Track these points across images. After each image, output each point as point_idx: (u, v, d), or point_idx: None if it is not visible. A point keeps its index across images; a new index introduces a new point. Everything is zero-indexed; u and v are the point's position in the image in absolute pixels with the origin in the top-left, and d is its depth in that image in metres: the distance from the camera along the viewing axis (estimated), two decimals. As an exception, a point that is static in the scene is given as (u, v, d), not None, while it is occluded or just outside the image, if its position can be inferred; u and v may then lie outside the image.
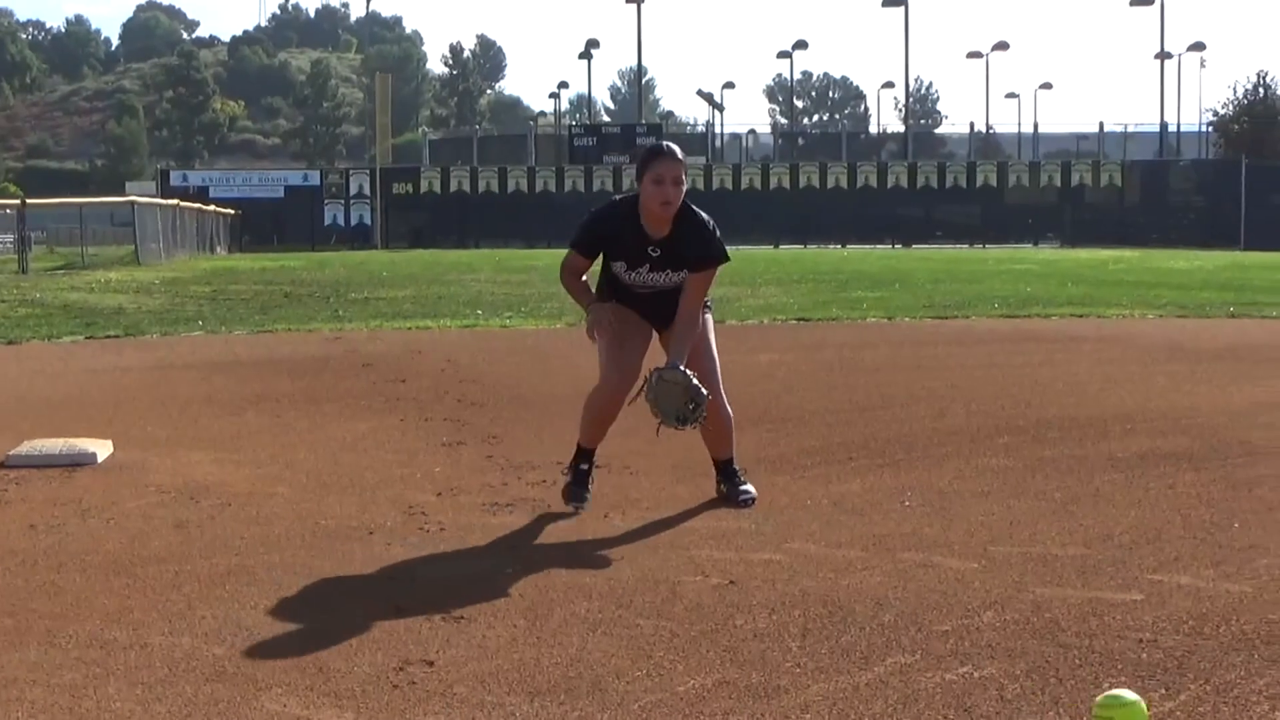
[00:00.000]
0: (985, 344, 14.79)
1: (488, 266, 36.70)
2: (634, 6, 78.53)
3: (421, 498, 6.89)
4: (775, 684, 4.15)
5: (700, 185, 67.39)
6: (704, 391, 6.39)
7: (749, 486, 6.78)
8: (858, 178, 69.14)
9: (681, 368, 6.41)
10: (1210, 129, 70.57)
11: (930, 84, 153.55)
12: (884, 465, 7.71)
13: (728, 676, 4.21)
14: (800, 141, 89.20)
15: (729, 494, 6.75)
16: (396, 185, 70.16)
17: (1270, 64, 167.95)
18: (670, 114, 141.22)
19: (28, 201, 40.65)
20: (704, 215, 6.59)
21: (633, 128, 74.11)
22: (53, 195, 61.72)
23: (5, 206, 42.39)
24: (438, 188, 69.72)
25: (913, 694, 4.05)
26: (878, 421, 9.22)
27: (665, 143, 6.69)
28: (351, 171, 74.02)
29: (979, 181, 68.28)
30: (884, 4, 79.19)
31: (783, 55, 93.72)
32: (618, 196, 6.72)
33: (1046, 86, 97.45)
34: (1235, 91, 65.19)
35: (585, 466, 6.75)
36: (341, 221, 69.15)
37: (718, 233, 6.58)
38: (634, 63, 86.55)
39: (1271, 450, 8.00)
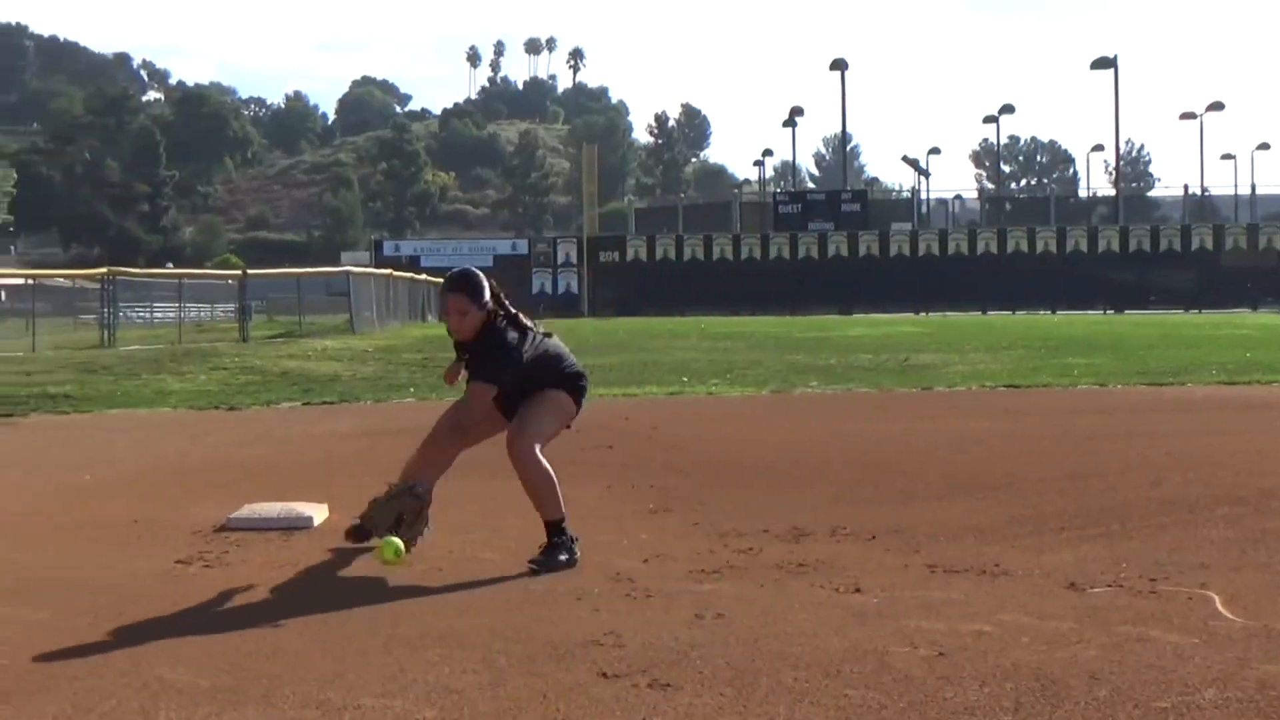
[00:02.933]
0: (1203, 411, 14.39)
1: (693, 334, 36.83)
2: (838, 73, 78.62)
3: (628, 564, 6.91)
4: (987, 759, 4.06)
5: (906, 251, 67.07)
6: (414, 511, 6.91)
7: (557, 556, 6.87)
8: (1067, 242, 68.10)
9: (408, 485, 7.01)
10: None
11: (1141, 146, 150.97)
12: (1098, 535, 7.53)
13: (938, 750, 4.14)
14: (1007, 206, 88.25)
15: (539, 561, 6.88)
16: (603, 253, 70.99)
17: None
18: (875, 180, 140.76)
19: (248, 272, 41.95)
20: (506, 337, 7.14)
21: (838, 194, 74.02)
22: (272, 266, 63.66)
23: (227, 277, 43.82)
24: (643, 255, 70.38)
25: (1131, 772, 3.93)
26: (1091, 490, 9.02)
27: (463, 273, 7.25)
28: (559, 240, 75.13)
29: (1194, 245, 66.80)
30: (1092, 66, 78.08)
31: (989, 120, 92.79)
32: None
33: (1264, 147, 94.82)
34: None
35: (561, 539, 7.00)
36: (549, 289, 70.15)
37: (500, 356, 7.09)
38: (838, 129, 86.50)
39: None
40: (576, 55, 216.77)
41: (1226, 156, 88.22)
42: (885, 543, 7.38)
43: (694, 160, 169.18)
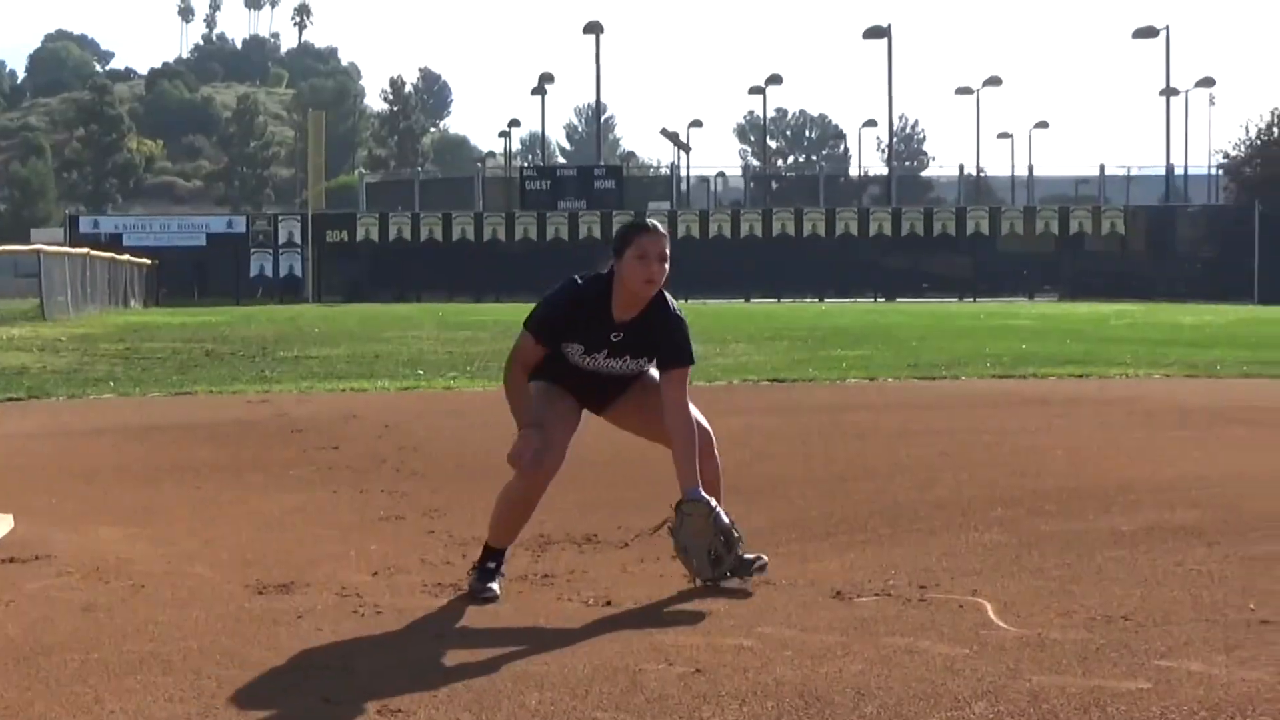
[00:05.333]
0: (976, 407, 14.84)
1: (430, 322, 36.69)
2: (592, 37, 79.00)
3: (356, 578, 6.86)
4: (746, 783, 4.13)
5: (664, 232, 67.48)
6: (730, 525, 6.38)
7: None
8: (836, 225, 69.44)
9: (702, 495, 6.43)
10: (1220, 171, 71.24)
11: (916, 122, 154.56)
12: (866, 541, 7.71)
13: (694, 775, 4.20)
14: (774, 185, 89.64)
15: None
16: (330, 233, 70.18)
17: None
18: (631, 155, 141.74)
19: (-79, 250, 40.50)
20: (678, 309, 6.59)
21: (590, 170, 74.39)
22: (-51, 243, 61.50)
23: (-104, 255, 42.21)
24: (375, 235, 69.77)
25: (898, 794, 4.04)
26: (859, 493, 9.23)
27: (649, 218, 6.66)
28: (281, 218, 74.04)
29: (969, 229, 68.69)
30: (865, 35, 79.80)
31: (755, 91, 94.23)
32: (580, 277, 6.58)
33: (1042, 125, 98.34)
34: (1247, 131, 65.85)
35: (493, 565, 6.59)
36: (269, 272, 69.14)
37: (689, 332, 6.60)
38: (592, 99, 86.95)
39: (1289, 523, 8.03)
40: (302, 12, 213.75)
41: (1004, 135, 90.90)
42: (638, 551, 7.45)
43: (433, 130, 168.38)
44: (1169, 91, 73.32)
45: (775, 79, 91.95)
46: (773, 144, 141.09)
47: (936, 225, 69.14)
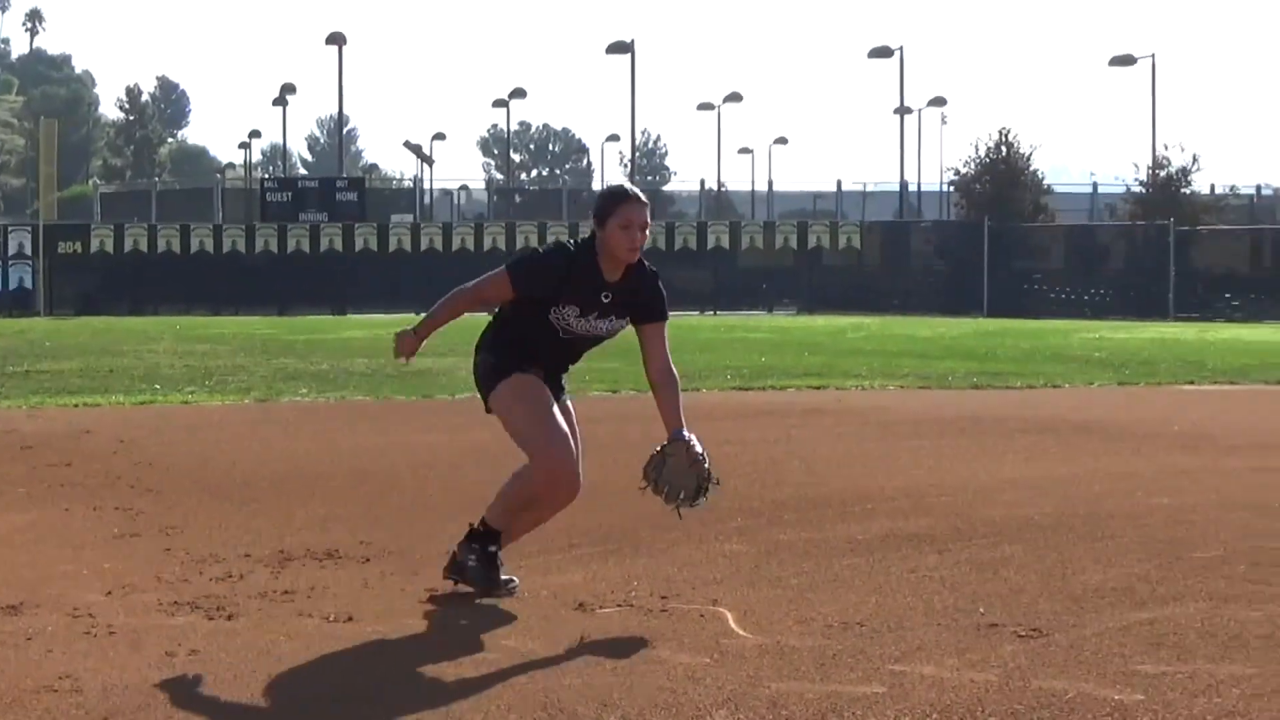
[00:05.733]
0: (716, 419, 15.01)
1: (167, 335, 35.92)
2: (334, 49, 78.22)
3: (89, 597, 6.68)
4: (488, 797, 4.12)
5: (407, 245, 67.35)
6: (704, 459, 6.73)
7: None
8: (579, 238, 69.70)
9: (684, 435, 6.82)
10: (951, 188, 73.11)
11: (658, 137, 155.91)
12: (609, 553, 7.76)
13: (436, 790, 4.17)
14: (517, 198, 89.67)
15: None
16: (63, 244, 68.26)
17: (1013, 121, 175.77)
18: (374, 167, 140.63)
19: None
20: (652, 266, 6.84)
21: (332, 181, 73.54)
22: None
23: None
24: (110, 247, 68.06)
25: (639, 803, 4.06)
26: (601, 505, 9.26)
27: (627, 185, 6.88)
28: (11, 229, 71.83)
29: (710, 243, 69.43)
30: (609, 50, 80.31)
31: (499, 104, 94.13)
32: (557, 241, 6.89)
33: (782, 142, 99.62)
34: (977, 149, 67.55)
35: (494, 549, 6.73)
36: (-1, 285, 67.05)
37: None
38: (334, 110, 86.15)
39: (1016, 529, 8.28)
40: (34, 17, 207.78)
41: (744, 151, 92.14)
42: (382, 566, 7.40)
43: (171, 140, 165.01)
44: (903, 110, 75.01)
45: (519, 93, 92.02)
46: (516, 157, 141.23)
47: (678, 239, 69.75)
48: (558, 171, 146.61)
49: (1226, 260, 56.07)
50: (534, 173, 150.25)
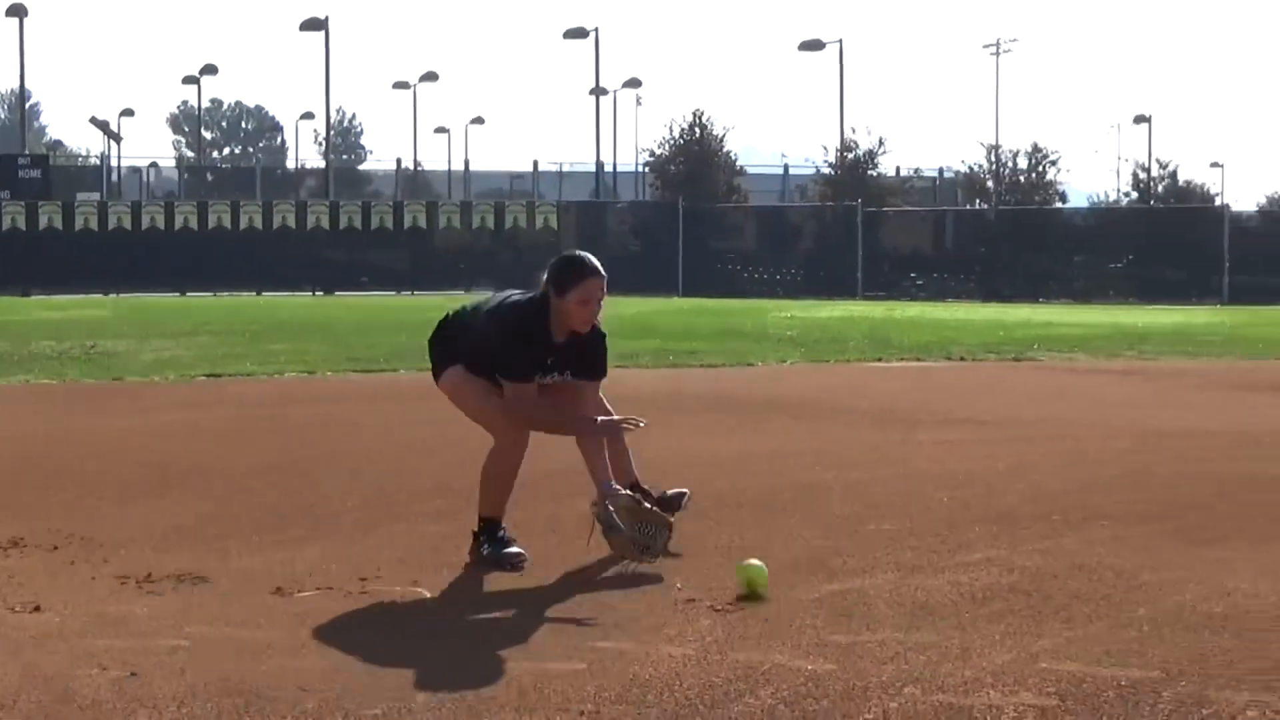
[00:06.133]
0: (418, 399, 14.95)
1: None
2: (15, 21, 75.56)
3: None
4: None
5: (94, 224, 65.55)
6: (656, 511, 6.80)
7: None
8: (274, 217, 68.61)
9: (615, 488, 6.79)
10: (646, 169, 73.86)
11: (354, 116, 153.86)
12: (309, 535, 7.67)
13: (129, 782, 4.08)
14: (209, 177, 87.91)
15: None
16: None
17: (707, 103, 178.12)
18: (59, 143, 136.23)
19: None
20: (600, 325, 6.98)
21: (14, 159, 71.09)
22: None
23: None
24: None
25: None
26: (300, 487, 9.15)
27: (588, 256, 7.00)
28: None
29: (407, 223, 68.99)
30: (302, 28, 79.13)
31: (189, 80, 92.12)
32: (516, 300, 7.05)
33: (479, 121, 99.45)
34: (671, 130, 68.39)
35: (503, 534, 6.90)
36: None
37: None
38: (15, 85, 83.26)
39: (701, 505, 8.40)
40: None
41: (441, 130, 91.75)
42: (70, 553, 7.20)
43: None
44: (598, 91, 75.53)
45: (210, 69, 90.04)
46: (208, 135, 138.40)
47: (375, 219, 69.12)
48: (251, 150, 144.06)
49: (912, 240, 57.76)
50: (226, 150, 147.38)
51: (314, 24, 78.61)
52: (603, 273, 6.85)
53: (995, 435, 11.77)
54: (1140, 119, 74.53)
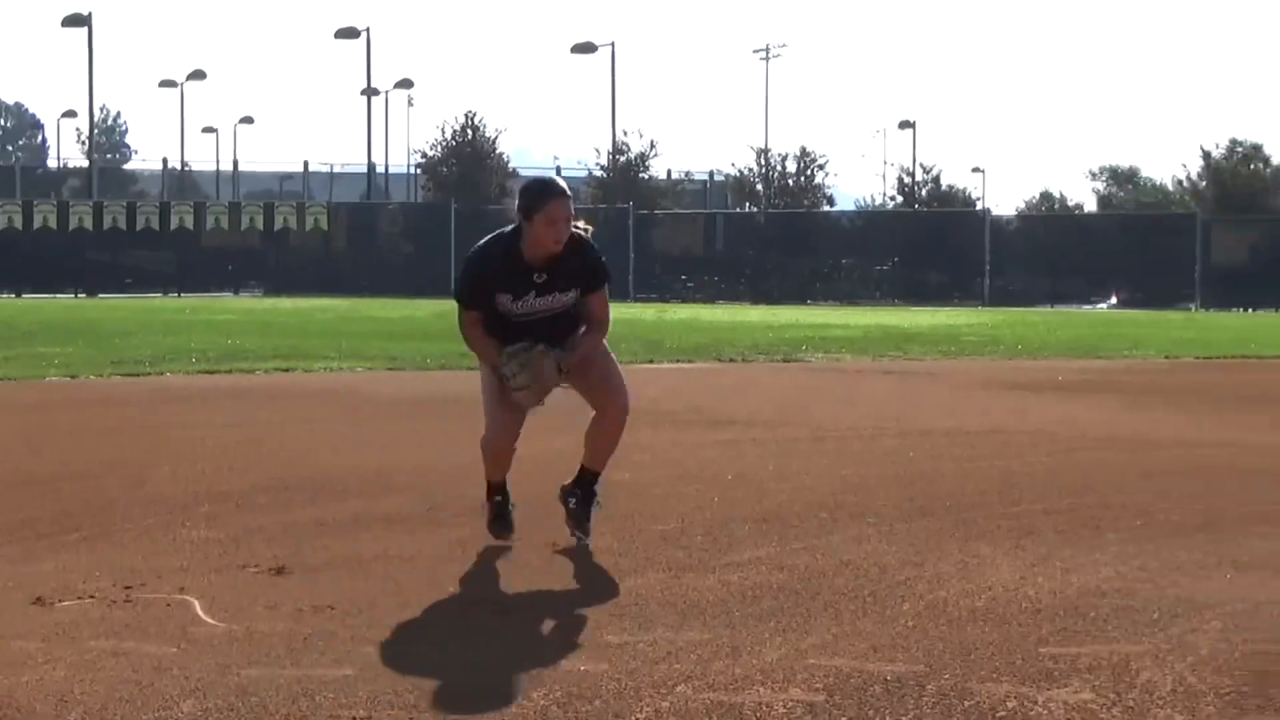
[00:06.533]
0: (184, 402, 14.71)
1: None
2: None
3: None
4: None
5: None
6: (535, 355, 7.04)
7: (590, 525, 7.36)
8: (34, 218, 66.94)
9: (566, 354, 7.08)
10: (419, 171, 73.46)
11: (118, 114, 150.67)
12: (71, 543, 7.49)
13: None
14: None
15: (576, 516, 7.37)
16: None
17: (479, 105, 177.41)
18: None
19: None
20: (583, 233, 7.19)
21: None
22: None
23: None
24: None
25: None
26: (66, 492, 8.94)
27: (553, 179, 7.35)
28: None
29: (174, 224, 67.77)
30: (64, 24, 77.27)
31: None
32: (482, 243, 7.27)
33: (248, 121, 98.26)
34: (443, 132, 68.12)
35: (499, 498, 7.36)
36: None
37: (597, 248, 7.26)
38: None
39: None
40: None
41: (208, 130, 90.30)
42: None
43: None
44: (370, 92, 74.92)
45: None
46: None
47: (140, 219, 67.77)
48: (10, 148, 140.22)
49: (683, 243, 58.21)
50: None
51: (76, 20, 76.77)
52: (567, 192, 7.11)
53: (765, 435, 11.93)
54: (905, 124, 76.26)
